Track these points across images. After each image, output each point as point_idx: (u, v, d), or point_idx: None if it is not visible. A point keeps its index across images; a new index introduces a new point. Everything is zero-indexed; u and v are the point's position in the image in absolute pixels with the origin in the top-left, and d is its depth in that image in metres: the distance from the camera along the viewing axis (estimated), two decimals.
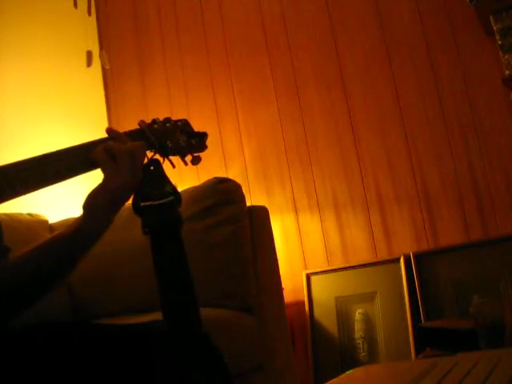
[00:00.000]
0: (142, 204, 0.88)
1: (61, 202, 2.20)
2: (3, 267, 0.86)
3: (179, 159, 1.01)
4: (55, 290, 0.89)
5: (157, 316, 0.83)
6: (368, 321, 2.16)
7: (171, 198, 0.89)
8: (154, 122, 1.00)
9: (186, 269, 0.87)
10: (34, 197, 0.88)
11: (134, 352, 0.72)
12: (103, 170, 0.87)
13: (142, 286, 1.60)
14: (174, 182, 0.97)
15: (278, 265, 1.74)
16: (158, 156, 0.98)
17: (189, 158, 1.01)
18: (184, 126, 1.02)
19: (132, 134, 0.96)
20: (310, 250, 2.39)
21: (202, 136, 1.03)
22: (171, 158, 1.00)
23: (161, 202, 0.89)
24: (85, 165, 0.88)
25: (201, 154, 1.03)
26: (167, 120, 1.02)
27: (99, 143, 0.89)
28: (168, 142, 0.98)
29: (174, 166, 0.98)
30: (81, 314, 1.72)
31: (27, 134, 2.32)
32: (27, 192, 0.82)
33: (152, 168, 0.93)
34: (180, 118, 1.06)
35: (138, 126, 0.99)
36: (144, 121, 0.99)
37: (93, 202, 0.86)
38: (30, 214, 1.91)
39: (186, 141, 1.00)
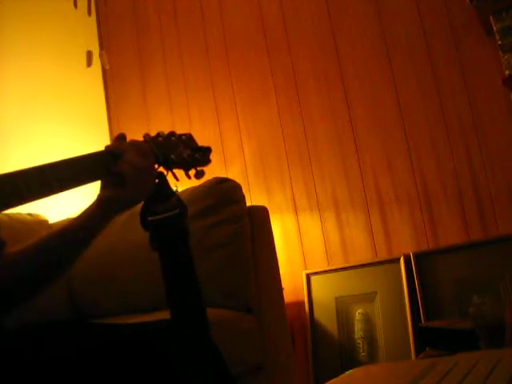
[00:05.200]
0: (150, 218, 0.90)
1: (60, 202, 2.20)
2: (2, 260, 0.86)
3: (183, 173, 1.02)
4: (55, 289, 0.88)
5: (157, 316, 0.83)
6: (368, 321, 2.16)
7: (177, 210, 0.91)
8: (159, 135, 1.01)
9: (195, 280, 0.89)
10: None
11: (134, 351, 0.72)
12: (128, 184, 0.88)
13: (141, 286, 1.60)
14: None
15: (278, 265, 1.73)
16: (161, 169, 0.98)
17: (192, 171, 1.02)
18: (188, 140, 1.03)
19: None
20: (310, 250, 2.39)
21: (206, 150, 1.04)
22: (175, 171, 1.00)
23: (167, 214, 0.90)
24: (95, 175, 0.89)
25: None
26: (171, 134, 1.02)
27: (102, 156, 0.90)
28: (172, 156, 0.98)
29: (177, 179, 0.99)
30: (81, 313, 1.72)
31: (27, 134, 2.32)
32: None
33: (157, 181, 0.95)
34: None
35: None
36: (149, 134, 1.00)
37: (111, 207, 0.88)
38: (29, 214, 1.91)
39: (190, 155, 1.01)
